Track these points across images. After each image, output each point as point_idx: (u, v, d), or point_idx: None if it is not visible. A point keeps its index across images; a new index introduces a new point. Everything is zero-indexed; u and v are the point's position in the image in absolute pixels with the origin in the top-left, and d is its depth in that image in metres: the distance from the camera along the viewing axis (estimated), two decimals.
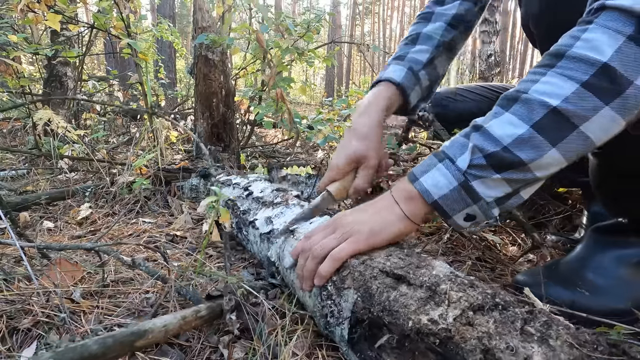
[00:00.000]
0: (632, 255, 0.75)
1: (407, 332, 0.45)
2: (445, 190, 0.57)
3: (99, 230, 1.27)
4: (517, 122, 0.53)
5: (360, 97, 2.32)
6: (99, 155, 1.98)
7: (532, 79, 0.54)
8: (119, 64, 5.43)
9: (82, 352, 0.48)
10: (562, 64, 0.51)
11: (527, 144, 0.52)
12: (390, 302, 0.49)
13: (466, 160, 0.55)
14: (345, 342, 0.55)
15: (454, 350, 0.40)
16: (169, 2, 8.55)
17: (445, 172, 0.57)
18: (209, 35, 1.58)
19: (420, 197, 0.59)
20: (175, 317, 0.62)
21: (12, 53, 2.03)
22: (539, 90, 0.52)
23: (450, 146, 0.59)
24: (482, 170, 0.55)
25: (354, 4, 26.20)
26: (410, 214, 0.60)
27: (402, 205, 0.60)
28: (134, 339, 0.55)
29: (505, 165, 0.54)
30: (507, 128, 0.53)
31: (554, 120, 0.51)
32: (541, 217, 1.18)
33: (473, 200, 0.56)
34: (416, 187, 0.59)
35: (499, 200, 0.57)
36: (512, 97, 0.55)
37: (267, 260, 0.84)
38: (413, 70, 0.89)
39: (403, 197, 0.61)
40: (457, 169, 0.56)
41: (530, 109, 0.52)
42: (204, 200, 0.83)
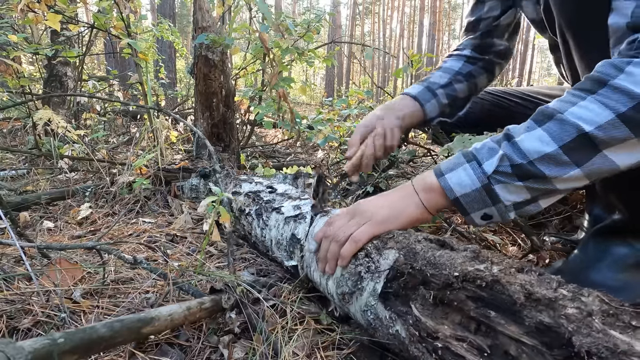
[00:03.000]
0: (631, 256, 0.76)
1: (451, 280, 0.48)
2: (468, 189, 0.60)
3: (99, 230, 1.27)
4: (548, 139, 0.55)
5: (360, 97, 2.32)
6: (99, 155, 1.98)
7: (571, 100, 0.56)
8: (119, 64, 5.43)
9: (91, 334, 0.49)
10: (603, 92, 0.53)
11: (552, 162, 0.55)
12: (436, 257, 0.53)
13: (493, 165, 0.58)
14: (377, 296, 0.58)
15: (500, 290, 0.43)
16: (169, 2, 8.55)
17: (470, 173, 0.60)
18: (209, 35, 1.58)
19: (442, 191, 0.62)
20: (180, 306, 0.63)
21: (12, 53, 2.04)
22: (575, 113, 0.54)
23: (480, 149, 0.61)
24: (506, 176, 0.58)
25: (354, 4, 26.21)
26: (428, 204, 0.64)
27: (421, 195, 0.64)
28: (140, 325, 0.56)
29: (528, 176, 0.57)
30: (536, 144, 0.56)
31: (582, 143, 0.53)
32: (541, 217, 1.18)
33: (493, 202, 0.59)
34: (440, 183, 0.62)
35: (517, 205, 0.60)
36: (548, 114, 0.57)
37: (290, 240, 0.85)
38: (429, 88, 1.05)
39: (423, 188, 0.64)
40: (483, 172, 0.59)
41: (562, 129, 0.55)
42: (204, 200, 0.83)
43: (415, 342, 0.51)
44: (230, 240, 0.93)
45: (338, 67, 18.62)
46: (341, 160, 2.02)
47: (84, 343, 0.48)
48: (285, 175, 1.52)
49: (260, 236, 0.99)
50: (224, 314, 0.69)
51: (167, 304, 0.75)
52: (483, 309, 0.44)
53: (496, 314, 0.43)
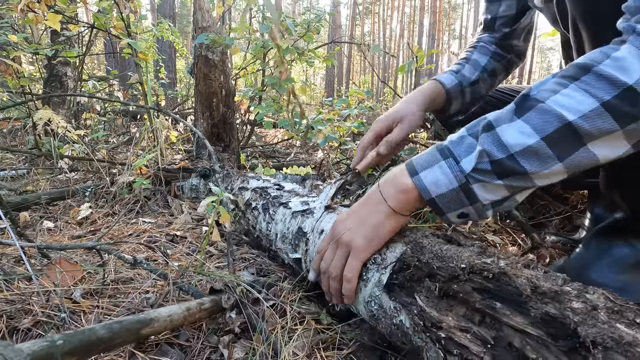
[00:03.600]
0: (632, 256, 0.76)
1: (458, 272, 0.48)
2: (444, 189, 0.57)
3: (99, 230, 1.27)
4: (530, 131, 0.52)
5: (360, 97, 2.32)
6: (99, 155, 1.98)
7: (553, 88, 0.53)
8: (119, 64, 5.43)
9: (90, 335, 0.49)
10: (587, 79, 0.50)
11: (534, 155, 0.52)
12: (443, 251, 0.54)
13: (471, 163, 0.55)
14: (381, 287, 0.58)
15: (507, 282, 0.44)
16: (169, 2, 8.55)
17: (447, 172, 0.57)
18: (209, 35, 1.58)
19: (417, 192, 0.59)
20: (180, 307, 0.63)
21: (12, 53, 2.04)
22: (558, 102, 0.51)
23: (456, 143, 0.58)
24: (485, 175, 0.55)
25: (354, 4, 26.21)
26: (400, 209, 0.61)
27: (390, 202, 0.61)
28: (140, 326, 0.56)
29: (508, 173, 0.54)
30: (517, 136, 0.53)
31: (566, 134, 0.50)
32: (541, 217, 1.18)
33: (470, 201, 0.57)
34: (415, 182, 0.59)
35: (495, 203, 0.57)
36: (529, 104, 0.54)
37: (296, 233, 0.85)
38: (462, 84, 1.03)
39: (394, 191, 0.61)
40: (460, 170, 0.56)
41: (544, 120, 0.51)
42: (204, 200, 0.83)
43: (419, 332, 0.51)
44: (230, 240, 0.93)
45: (338, 67, 18.62)
46: (341, 161, 2.02)
47: (83, 345, 0.48)
48: (285, 175, 1.52)
49: (265, 230, 0.99)
50: (224, 314, 0.69)
51: (167, 304, 0.75)
52: (489, 300, 0.45)
53: (502, 305, 0.43)
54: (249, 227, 1.09)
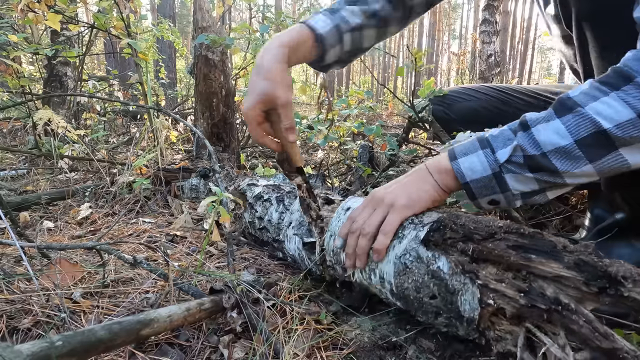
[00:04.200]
0: (633, 257, 0.75)
1: (495, 230, 0.52)
2: (478, 175, 0.61)
3: (99, 230, 1.27)
4: (564, 133, 0.55)
5: (360, 96, 2.32)
6: (99, 155, 1.98)
7: (593, 94, 0.55)
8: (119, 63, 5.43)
9: (89, 336, 0.49)
10: (627, 89, 0.52)
11: (565, 156, 0.55)
12: (478, 218, 0.58)
13: (506, 155, 0.59)
14: (418, 241, 0.61)
15: (541, 238, 0.49)
16: (169, 2, 8.55)
17: (483, 160, 0.61)
18: (209, 35, 1.58)
19: (453, 174, 0.63)
20: (180, 307, 0.63)
21: (12, 53, 2.04)
22: (596, 109, 0.54)
23: (495, 136, 0.62)
24: (518, 167, 0.58)
25: None
26: (443, 184, 0.65)
27: (435, 176, 0.65)
28: (139, 327, 0.56)
29: (539, 168, 0.57)
30: (552, 136, 0.56)
31: (599, 140, 0.53)
32: (541, 217, 1.18)
33: (501, 190, 0.60)
34: (453, 166, 0.63)
35: (525, 195, 0.61)
36: (569, 106, 0.56)
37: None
38: (339, 28, 0.83)
39: (437, 169, 0.65)
40: (495, 159, 0.59)
41: (580, 124, 0.54)
42: (204, 200, 0.83)
43: (458, 274, 0.53)
44: (230, 240, 0.93)
45: None
46: (341, 161, 2.02)
47: (83, 346, 0.48)
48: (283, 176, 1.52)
49: (275, 220, 1.02)
50: (224, 314, 0.69)
51: (167, 304, 0.75)
52: (524, 254, 0.48)
53: (537, 256, 0.47)
54: (254, 218, 1.10)
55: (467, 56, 9.31)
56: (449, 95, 1.20)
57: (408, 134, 1.61)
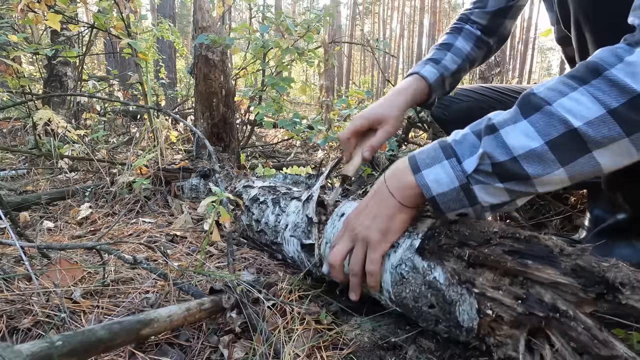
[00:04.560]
0: (634, 257, 0.75)
1: (490, 236, 0.52)
2: (445, 188, 0.57)
3: (99, 230, 1.27)
4: (533, 134, 0.51)
5: (360, 97, 2.32)
6: (99, 155, 1.98)
7: (560, 89, 0.51)
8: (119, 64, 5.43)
9: (89, 336, 0.49)
10: (596, 84, 0.48)
11: (536, 159, 0.51)
12: (473, 223, 0.57)
13: (473, 164, 0.55)
14: (413, 250, 0.61)
15: (537, 242, 0.48)
16: (169, 2, 8.55)
17: (449, 171, 0.56)
18: (209, 35, 1.58)
19: (418, 189, 0.59)
20: (180, 307, 0.63)
21: (12, 53, 2.04)
22: (564, 106, 0.50)
23: (460, 142, 0.58)
24: (487, 176, 0.54)
25: (354, 4, 26.21)
26: (407, 202, 0.62)
27: (397, 196, 0.62)
28: (139, 327, 0.56)
29: (509, 176, 0.53)
30: (521, 139, 0.52)
31: (570, 140, 0.49)
32: (541, 217, 1.18)
33: (470, 203, 0.56)
34: (417, 180, 0.59)
35: (494, 206, 0.57)
36: (534, 104, 0.52)
37: (308, 222, 0.88)
38: (443, 76, 1.02)
39: (397, 186, 0.62)
40: (462, 170, 0.55)
41: (549, 123, 0.50)
42: (204, 200, 0.83)
43: (455, 285, 0.53)
44: (230, 240, 0.93)
45: (338, 67, 18.61)
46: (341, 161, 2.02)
47: (83, 346, 0.48)
48: (286, 175, 1.52)
49: (272, 222, 1.02)
50: (224, 314, 0.69)
51: (167, 304, 0.75)
52: (520, 259, 0.47)
53: (533, 262, 0.46)
54: (252, 221, 1.10)
55: None
56: (447, 96, 1.20)
57: (407, 134, 1.61)
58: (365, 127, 0.88)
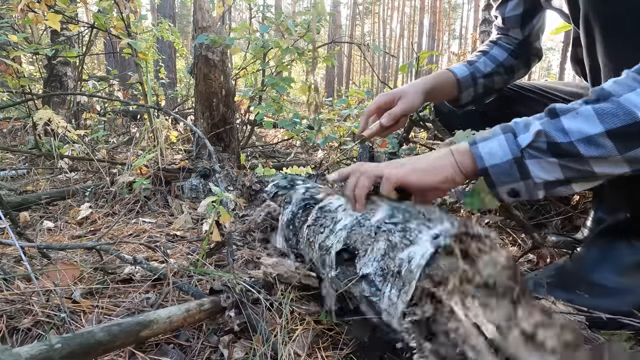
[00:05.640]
0: (633, 257, 0.75)
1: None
2: (498, 160, 0.58)
3: (99, 230, 1.27)
4: (596, 122, 0.53)
5: (360, 97, 2.32)
6: (99, 155, 1.98)
7: (629, 84, 0.53)
8: (119, 63, 5.43)
9: (89, 338, 0.49)
10: None
11: (594, 144, 0.53)
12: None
13: (528, 139, 0.56)
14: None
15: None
16: (169, 2, 8.54)
17: (503, 144, 0.58)
18: (209, 35, 1.58)
19: (473, 158, 0.60)
20: (179, 308, 0.63)
21: (12, 53, 2.04)
22: (631, 100, 0.51)
23: (519, 122, 0.59)
24: (540, 152, 0.56)
25: (354, 4, 26.22)
26: (462, 165, 0.62)
27: (456, 155, 0.63)
28: (139, 328, 0.56)
29: (563, 154, 0.54)
30: (581, 125, 0.53)
31: (632, 131, 0.51)
32: (541, 217, 1.18)
33: (522, 177, 0.57)
34: (472, 150, 0.60)
35: (548, 184, 0.57)
36: (603, 95, 0.54)
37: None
38: (474, 75, 1.06)
39: (458, 151, 0.63)
40: (516, 144, 0.57)
41: (614, 113, 0.52)
42: (204, 200, 0.83)
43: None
44: (230, 240, 0.93)
45: (338, 67, 18.63)
46: (341, 161, 2.02)
47: (82, 348, 0.47)
48: (285, 175, 1.52)
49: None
50: (224, 314, 0.69)
51: (167, 304, 0.75)
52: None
53: None
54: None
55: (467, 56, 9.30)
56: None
57: (409, 133, 1.61)
58: (388, 103, 0.95)
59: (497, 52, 1.10)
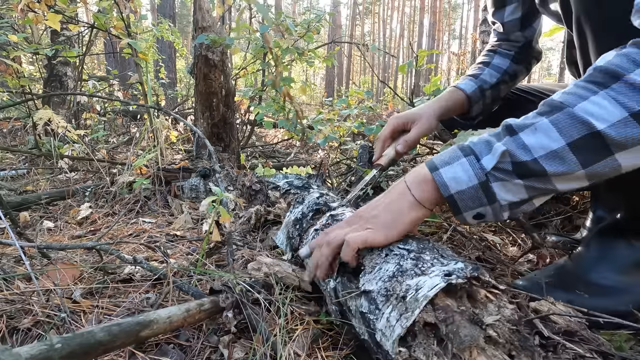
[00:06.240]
0: (633, 257, 0.75)
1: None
2: (463, 186, 0.57)
3: (99, 230, 1.27)
4: (555, 135, 0.52)
5: (360, 97, 2.32)
6: (99, 155, 1.98)
7: (581, 94, 0.53)
8: (119, 63, 5.43)
9: (89, 338, 0.49)
10: (617, 88, 0.50)
11: (557, 159, 0.52)
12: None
13: (492, 161, 0.55)
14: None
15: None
16: (169, 2, 8.54)
17: (467, 168, 0.57)
18: (209, 35, 1.58)
19: (435, 186, 0.59)
20: (179, 308, 0.63)
21: (12, 53, 2.04)
22: (586, 109, 0.51)
23: (477, 143, 0.58)
24: (506, 174, 0.55)
25: (354, 4, 26.22)
26: (423, 200, 0.60)
27: (414, 191, 0.61)
28: (139, 328, 0.56)
29: (529, 173, 0.54)
30: (542, 139, 0.53)
31: (593, 143, 0.51)
32: (541, 217, 1.18)
33: (488, 201, 0.56)
34: (435, 178, 0.59)
35: (512, 205, 0.57)
36: (556, 106, 0.54)
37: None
38: (482, 88, 1.08)
39: (416, 182, 0.61)
40: (481, 167, 0.56)
41: (571, 125, 0.52)
42: (205, 199, 0.83)
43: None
44: (230, 240, 0.93)
45: (338, 67, 18.63)
46: (341, 161, 2.02)
47: (82, 348, 0.47)
48: (285, 175, 1.52)
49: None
50: (224, 314, 0.69)
51: (167, 304, 0.75)
52: None
53: None
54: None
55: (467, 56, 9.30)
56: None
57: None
58: (401, 126, 0.95)
59: (500, 61, 1.11)
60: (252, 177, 1.41)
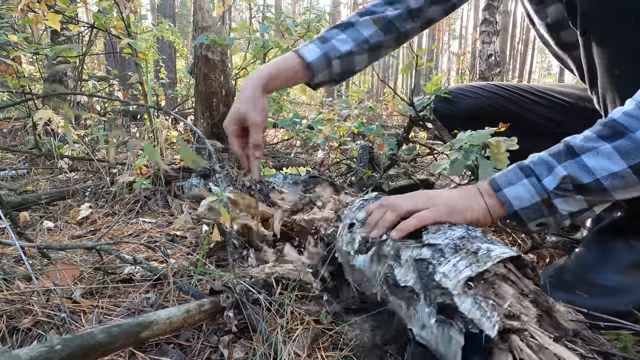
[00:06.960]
0: (632, 257, 0.75)
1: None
2: (527, 203, 0.61)
3: (99, 230, 1.27)
4: (617, 158, 0.55)
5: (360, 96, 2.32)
6: (99, 155, 1.98)
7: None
8: (119, 63, 5.43)
9: (88, 340, 0.49)
10: None
11: (618, 178, 0.56)
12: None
13: (553, 183, 0.58)
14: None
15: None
16: (169, 2, 8.54)
17: (529, 189, 0.60)
18: (209, 35, 1.58)
19: (501, 203, 0.62)
20: (179, 309, 0.63)
21: (12, 53, 2.03)
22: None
23: (537, 163, 0.61)
24: (567, 192, 0.58)
25: (354, 4, 26.20)
26: (493, 209, 0.64)
27: (486, 198, 0.64)
28: (139, 329, 0.56)
29: (590, 191, 0.58)
30: (603, 162, 0.56)
31: None
32: None
33: (550, 213, 0.60)
34: (499, 197, 0.62)
35: (573, 214, 0.60)
36: (618, 131, 0.56)
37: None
38: (327, 55, 0.94)
39: (488, 194, 0.64)
40: (543, 188, 0.59)
41: (635, 149, 0.54)
42: (205, 200, 0.83)
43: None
44: (230, 240, 0.93)
45: None
46: (341, 161, 2.02)
47: (82, 349, 0.47)
48: (285, 175, 1.52)
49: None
50: (224, 314, 0.69)
51: (167, 304, 0.75)
52: None
53: None
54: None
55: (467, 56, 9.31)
56: (454, 92, 1.19)
57: (409, 134, 1.61)
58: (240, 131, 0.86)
59: (360, 29, 0.96)
60: (252, 177, 1.41)
